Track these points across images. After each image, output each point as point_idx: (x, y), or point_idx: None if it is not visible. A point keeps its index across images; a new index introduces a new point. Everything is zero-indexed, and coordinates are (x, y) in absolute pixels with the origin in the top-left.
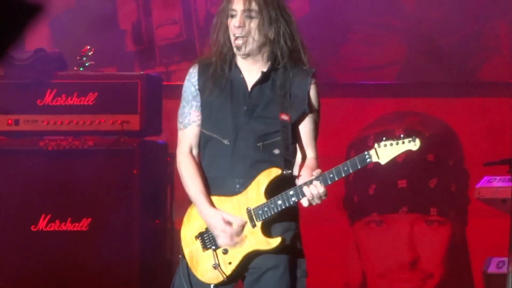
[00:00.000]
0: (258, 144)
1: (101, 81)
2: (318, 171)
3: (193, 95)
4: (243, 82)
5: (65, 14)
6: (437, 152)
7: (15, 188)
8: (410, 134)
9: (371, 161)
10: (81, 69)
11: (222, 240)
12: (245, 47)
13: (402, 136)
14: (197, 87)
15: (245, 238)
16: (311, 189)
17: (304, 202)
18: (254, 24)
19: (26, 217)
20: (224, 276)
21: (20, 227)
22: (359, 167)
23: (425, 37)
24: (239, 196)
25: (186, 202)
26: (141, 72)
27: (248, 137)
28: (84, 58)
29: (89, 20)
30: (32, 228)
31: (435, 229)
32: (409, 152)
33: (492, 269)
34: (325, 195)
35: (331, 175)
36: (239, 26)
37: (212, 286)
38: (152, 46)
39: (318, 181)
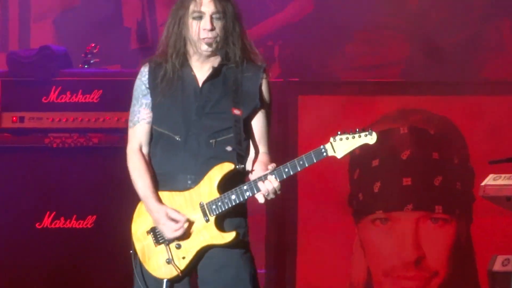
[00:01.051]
0: (210, 141)
1: (105, 78)
2: (273, 165)
3: (143, 93)
4: (194, 79)
5: (70, 12)
6: (442, 150)
7: (20, 185)
8: (366, 128)
9: (327, 155)
10: (86, 66)
11: (167, 234)
12: (213, 46)
13: (358, 130)
14: (147, 85)
15: (198, 233)
16: (266, 184)
17: (260, 198)
18: (220, 25)
19: (31, 215)
20: (179, 271)
21: (25, 225)
22: (314, 161)
23: (429, 36)
24: (191, 191)
25: None
26: None
27: (200, 133)
28: (89, 56)
29: (94, 18)
30: (37, 225)
31: (440, 227)
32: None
33: (497, 267)
34: (279, 189)
35: (286, 170)
36: (211, 29)
37: (165, 281)
38: (156, 44)
39: (273, 176)
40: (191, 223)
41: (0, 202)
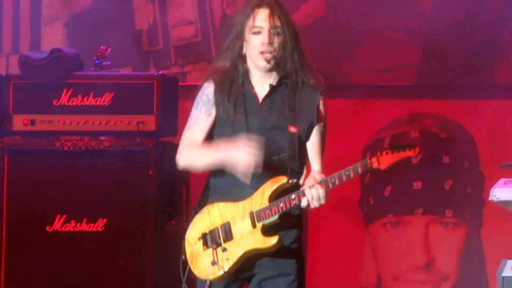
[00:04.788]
0: (273, 158)
1: (117, 81)
2: (322, 176)
3: (206, 104)
4: (255, 96)
5: (81, 14)
6: (453, 154)
7: (31, 188)
8: (411, 143)
9: (371, 168)
10: (97, 69)
11: (242, 156)
12: (271, 63)
13: (402, 145)
14: (211, 97)
15: (244, 237)
16: (312, 190)
17: (303, 202)
18: (279, 40)
19: (41, 217)
20: (222, 270)
21: (35, 227)
22: (360, 172)
23: (441, 40)
24: (245, 201)
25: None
26: (157, 73)
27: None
28: (100, 58)
29: (105, 21)
30: (47, 228)
31: (450, 231)
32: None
33: (507, 272)
34: (324, 198)
35: (333, 180)
36: (270, 43)
37: (208, 282)
38: (167, 47)
39: (320, 184)
40: (236, 230)
41: (11, 205)
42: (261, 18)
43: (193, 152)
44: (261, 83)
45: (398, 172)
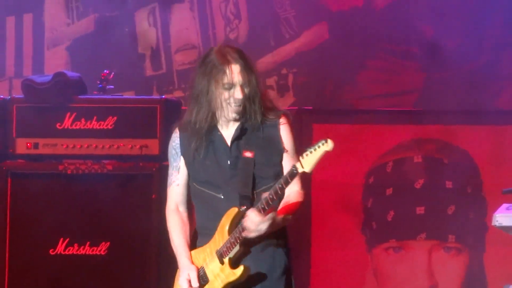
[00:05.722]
0: (254, 192)
1: (120, 105)
2: (265, 196)
3: (174, 157)
4: (222, 139)
5: (84, 38)
6: (456, 179)
7: (34, 211)
8: (322, 139)
9: (297, 172)
10: (100, 93)
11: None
12: (240, 114)
13: (316, 143)
14: (178, 150)
15: (217, 277)
16: (247, 222)
17: (247, 234)
18: (247, 91)
19: (44, 240)
20: None
21: (38, 250)
22: (290, 181)
23: (443, 65)
24: (210, 243)
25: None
26: (161, 97)
27: (235, 188)
28: (104, 82)
29: (108, 44)
30: (50, 251)
31: (453, 256)
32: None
33: None
34: (261, 223)
35: (271, 196)
36: (243, 97)
37: None
38: (170, 71)
39: (254, 211)
40: (210, 271)
41: (14, 228)
42: (233, 74)
43: (169, 228)
44: (227, 126)
45: (401, 196)
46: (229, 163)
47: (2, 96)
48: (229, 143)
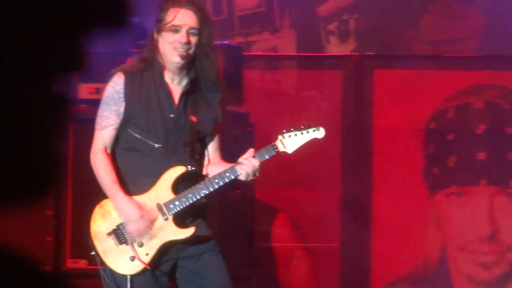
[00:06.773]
0: (186, 150)
1: None
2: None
3: (115, 101)
4: (169, 93)
5: None
6: None
7: None
8: (314, 124)
9: (278, 151)
10: None
11: (131, 227)
12: (185, 60)
13: (304, 127)
14: (121, 95)
15: (159, 230)
16: (247, 162)
17: (241, 175)
18: (194, 40)
19: None
20: (143, 265)
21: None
22: (266, 157)
23: (505, 9)
24: (149, 193)
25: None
26: (222, 42)
27: (177, 142)
28: None
29: None
30: None
31: None
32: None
33: None
34: (259, 170)
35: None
36: (187, 43)
37: (128, 277)
38: (231, 16)
39: (254, 157)
40: (152, 222)
41: (76, 175)
42: (180, 16)
43: (99, 167)
44: (173, 79)
45: (462, 142)
46: (172, 116)
47: None
48: (175, 97)
